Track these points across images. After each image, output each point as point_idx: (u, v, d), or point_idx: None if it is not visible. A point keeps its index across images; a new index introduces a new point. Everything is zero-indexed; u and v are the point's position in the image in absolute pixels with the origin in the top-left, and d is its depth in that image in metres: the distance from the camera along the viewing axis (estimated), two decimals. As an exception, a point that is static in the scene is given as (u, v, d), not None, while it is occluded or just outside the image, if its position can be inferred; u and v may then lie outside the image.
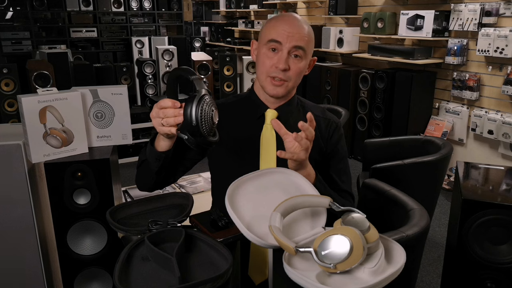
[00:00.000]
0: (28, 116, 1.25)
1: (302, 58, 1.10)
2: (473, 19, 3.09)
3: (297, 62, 1.10)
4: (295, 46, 1.08)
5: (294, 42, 1.07)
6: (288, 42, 1.07)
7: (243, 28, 5.97)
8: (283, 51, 1.08)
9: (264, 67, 1.11)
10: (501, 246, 1.26)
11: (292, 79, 1.12)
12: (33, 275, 1.38)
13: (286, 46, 1.08)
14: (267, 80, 1.12)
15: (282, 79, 1.10)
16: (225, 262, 0.77)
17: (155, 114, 0.95)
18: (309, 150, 0.96)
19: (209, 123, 0.88)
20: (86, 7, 5.91)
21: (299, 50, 1.09)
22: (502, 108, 3.09)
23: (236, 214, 0.81)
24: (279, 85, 1.11)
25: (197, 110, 0.86)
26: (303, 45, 1.08)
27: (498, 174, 1.50)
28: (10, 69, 3.72)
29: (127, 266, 0.77)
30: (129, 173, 3.72)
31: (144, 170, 1.14)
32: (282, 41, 1.08)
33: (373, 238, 0.72)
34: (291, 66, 1.09)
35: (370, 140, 2.46)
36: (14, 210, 1.32)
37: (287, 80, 1.11)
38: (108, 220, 0.90)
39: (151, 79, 4.72)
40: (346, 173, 1.23)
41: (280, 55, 1.08)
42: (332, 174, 1.20)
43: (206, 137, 0.89)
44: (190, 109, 0.87)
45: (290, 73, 1.10)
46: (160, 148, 1.05)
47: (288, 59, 1.08)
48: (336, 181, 1.20)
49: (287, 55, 1.08)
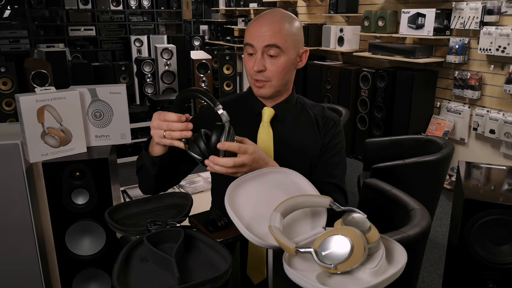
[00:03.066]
0: (26, 116, 1.24)
1: (279, 56, 1.08)
2: (475, 18, 3.08)
3: (274, 61, 1.08)
4: (266, 45, 1.06)
5: (265, 42, 1.06)
6: (260, 42, 1.07)
7: (242, 26, 5.96)
8: (257, 53, 1.08)
9: (247, 71, 1.13)
10: (503, 246, 1.25)
11: (273, 78, 1.10)
12: (31, 276, 1.38)
13: (258, 47, 1.07)
14: (251, 82, 1.14)
15: (262, 80, 1.10)
16: (224, 262, 0.77)
17: (157, 125, 0.95)
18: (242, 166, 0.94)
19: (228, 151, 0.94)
20: (84, 6, 5.92)
21: (272, 49, 1.07)
22: (504, 107, 3.08)
23: (235, 214, 0.80)
24: (262, 86, 1.11)
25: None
26: (275, 43, 1.06)
27: (500, 174, 1.49)
28: (7, 68, 3.72)
29: (126, 267, 0.77)
30: (128, 173, 3.72)
31: (144, 175, 1.14)
32: (254, 44, 1.08)
33: (374, 238, 0.71)
34: (268, 66, 1.09)
35: (371, 140, 2.45)
36: (12, 210, 1.31)
37: (269, 80, 1.11)
38: (107, 220, 0.89)
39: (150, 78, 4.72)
40: (339, 168, 1.20)
41: (255, 58, 1.09)
42: (324, 167, 1.18)
43: None
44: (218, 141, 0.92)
45: (268, 73, 1.09)
46: (155, 153, 1.05)
47: (262, 60, 1.08)
48: (327, 174, 1.18)
49: (261, 56, 1.08)
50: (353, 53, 4.16)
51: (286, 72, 1.11)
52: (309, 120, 1.20)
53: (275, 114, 1.16)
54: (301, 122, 1.19)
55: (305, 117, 1.20)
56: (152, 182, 1.12)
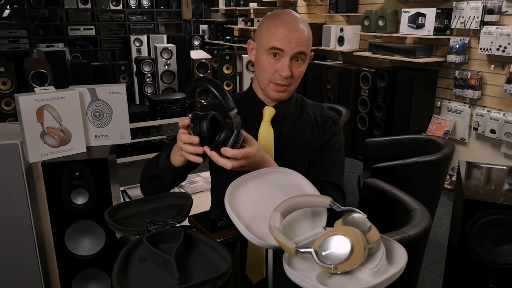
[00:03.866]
0: (25, 115, 1.24)
1: (304, 62, 1.10)
2: (475, 17, 3.07)
3: (299, 66, 1.10)
4: (297, 52, 1.07)
5: (297, 49, 1.06)
6: (291, 49, 1.06)
7: (242, 26, 5.96)
8: (286, 57, 1.07)
9: (266, 73, 1.10)
10: (503, 246, 1.25)
11: (294, 82, 1.12)
12: (30, 276, 1.38)
13: (288, 53, 1.06)
14: (269, 85, 1.12)
15: (284, 85, 1.11)
16: (224, 262, 0.77)
17: (178, 139, 0.98)
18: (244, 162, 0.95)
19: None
20: (84, 5, 5.91)
21: (301, 55, 1.08)
22: (505, 107, 3.08)
23: (235, 214, 0.80)
24: (283, 90, 1.12)
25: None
26: (304, 50, 1.08)
27: (500, 174, 1.49)
28: (7, 68, 3.71)
29: (125, 267, 0.77)
30: (127, 173, 3.72)
31: (157, 184, 1.12)
32: (284, 48, 1.06)
33: (374, 238, 0.71)
34: (294, 71, 1.09)
35: (371, 140, 2.45)
36: (11, 210, 1.31)
37: (290, 85, 1.12)
38: (106, 220, 0.89)
39: (149, 78, 4.71)
40: (336, 167, 1.20)
41: (282, 62, 1.07)
42: (321, 165, 1.18)
43: None
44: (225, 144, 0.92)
45: (292, 79, 1.11)
46: (177, 163, 1.05)
47: (290, 65, 1.08)
48: (324, 172, 1.17)
49: (290, 61, 1.07)
50: (353, 52, 4.15)
51: (302, 77, 1.14)
52: (309, 119, 1.20)
53: (276, 114, 1.16)
54: (301, 121, 1.19)
55: (305, 116, 1.20)
56: (166, 190, 1.12)
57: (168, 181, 1.09)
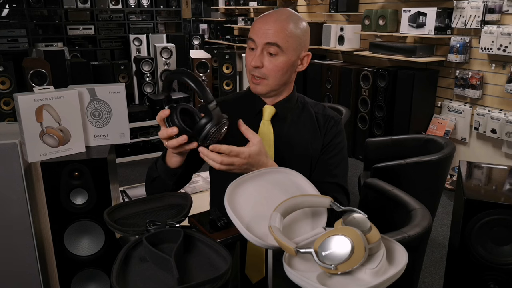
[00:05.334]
0: (24, 115, 1.23)
1: (278, 55, 1.08)
2: (476, 16, 3.07)
3: (272, 60, 1.08)
4: (267, 43, 1.06)
5: (266, 39, 1.06)
6: (261, 39, 1.06)
7: (242, 25, 5.95)
8: (257, 49, 1.08)
9: (247, 66, 1.12)
10: (504, 246, 1.25)
11: (270, 76, 1.10)
12: (29, 276, 1.37)
13: (259, 43, 1.07)
14: (249, 78, 1.14)
15: (259, 77, 1.10)
16: (224, 263, 0.77)
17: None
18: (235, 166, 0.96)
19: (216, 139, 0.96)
20: (83, 4, 5.90)
21: (272, 47, 1.06)
22: (506, 106, 3.07)
23: (235, 214, 0.80)
24: (258, 83, 1.11)
25: (208, 140, 0.94)
26: (276, 41, 1.06)
27: (501, 174, 1.49)
28: (6, 67, 3.71)
29: (124, 267, 0.77)
30: (127, 173, 3.71)
31: (159, 186, 1.11)
32: (255, 39, 1.08)
33: (374, 238, 0.71)
34: (266, 64, 1.08)
35: (371, 139, 2.45)
36: (10, 210, 1.31)
37: (265, 78, 1.10)
38: (106, 221, 0.88)
39: (149, 77, 4.70)
40: (340, 168, 1.19)
41: (254, 53, 1.09)
42: (325, 166, 1.18)
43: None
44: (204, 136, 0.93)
45: (265, 71, 1.09)
46: (173, 164, 1.05)
47: (261, 57, 1.08)
48: (328, 173, 1.17)
49: (261, 53, 1.08)
50: (353, 52, 4.15)
51: (284, 73, 1.10)
52: (310, 119, 1.19)
53: (276, 112, 1.15)
54: (302, 121, 1.19)
55: (306, 116, 1.20)
56: (168, 190, 1.11)
57: (168, 184, 1.08)
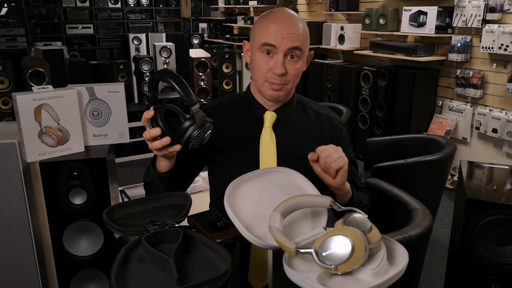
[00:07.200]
0: (23, 115, 1.23)
1: (299, 58, 1.06)
2: (477, 15, 3.06)
3: (294, 64, 1.06)
4: (290, 47, 1.03)
5: (290, 44, 1.03)
6: (283, 44, 1.03)
7: (242, 24, 5.94)
8: (279, 54, 1.04)
9: (260, 71, 1.07)
10: (505, 247, 1.24)
11: (290, 81, 1.08)
12: (28, 277, 1.37)
13: (281, 49, 1.03)
14: (265, 85, 1.09)
15: (280, 84, 1.07)
16: (223, 263, 0.77)
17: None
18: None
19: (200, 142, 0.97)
20: (82, 3, 5.88)
21: (295, 51, 1.04)
22: (507, 106, 3.07)
23: (235, 215, 0.80)
24: (279, 89, 1.08)
25: (190, 143, 0.95)
26: (298, 45, 1.04)
27: (502, 174, 1.48)
28: (4, 67, 3.72)
29: (124, 267, 0.77)
30: (126, 173, 3.71)
31: (153, 191, 1.11)
32: (276, 44, 1.03)
33: (375, 238, 0.71)
34: (288, 69, 1.05)
35: (372, 139, 2.44)
36: (8, 211, 1.30)
37: (286, 84, 1.08)
38: (105, 221, 0.88)
39: (148, 77, 4.70)
40: (353, 168, 1.19)
41: (276, 59, 1.04)
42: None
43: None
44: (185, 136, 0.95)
45: (288, 77, 1.06)
46: (162, 168, 1.05)
47: (284, 62, 1.04)
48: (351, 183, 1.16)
49: (283, 58, 1.04)
50: (354, 51, 4.14)
51: (299, 75, 1.10)
52: (311, 120, 1.18)
53: (277, 118, 1.14)
54: (303, 123, 1.17)
55: (307, 117, 1.18)
56: None
57: (160, 189, 1.08)
